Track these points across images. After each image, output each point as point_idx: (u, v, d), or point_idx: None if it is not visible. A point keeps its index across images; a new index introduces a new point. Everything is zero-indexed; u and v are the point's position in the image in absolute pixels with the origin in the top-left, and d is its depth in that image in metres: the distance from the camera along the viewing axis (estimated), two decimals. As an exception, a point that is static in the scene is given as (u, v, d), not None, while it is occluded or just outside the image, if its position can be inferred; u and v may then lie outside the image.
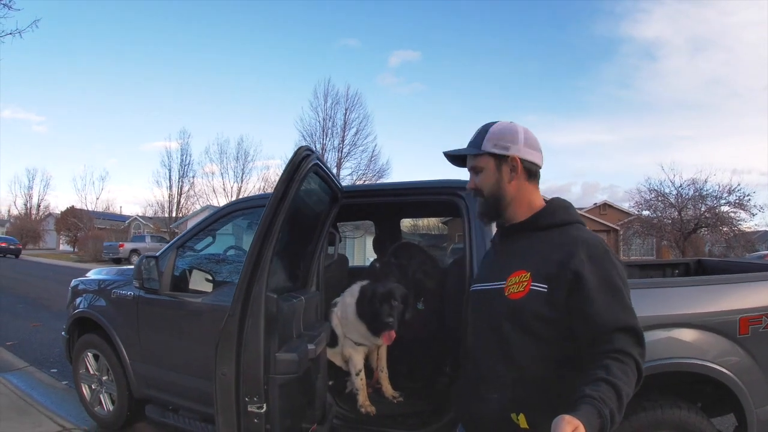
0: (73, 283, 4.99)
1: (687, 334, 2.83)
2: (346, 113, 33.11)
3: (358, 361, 3.81)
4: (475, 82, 71.55)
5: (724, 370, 2.82)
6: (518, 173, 1.80)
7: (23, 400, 4.96)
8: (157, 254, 3.96)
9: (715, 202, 29.30)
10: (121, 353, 4.19)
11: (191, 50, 72.78)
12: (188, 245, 4.23)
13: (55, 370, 6.24)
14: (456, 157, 1.93)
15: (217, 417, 2.53)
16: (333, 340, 3.86)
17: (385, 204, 4.57)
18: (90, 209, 54.08)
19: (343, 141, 32.71)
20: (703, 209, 29.52)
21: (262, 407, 2.49)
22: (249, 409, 2.49)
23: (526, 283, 1.65)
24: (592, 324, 1.54)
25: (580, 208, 42.39)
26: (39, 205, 63.78)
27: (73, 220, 50.22)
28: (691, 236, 29.70)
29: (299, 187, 2.62)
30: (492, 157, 1.81)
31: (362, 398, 3.73)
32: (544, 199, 1.86)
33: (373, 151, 32.95)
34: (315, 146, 31.70)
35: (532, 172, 1.82)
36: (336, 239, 3.99)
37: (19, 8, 9.85)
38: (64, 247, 54.16)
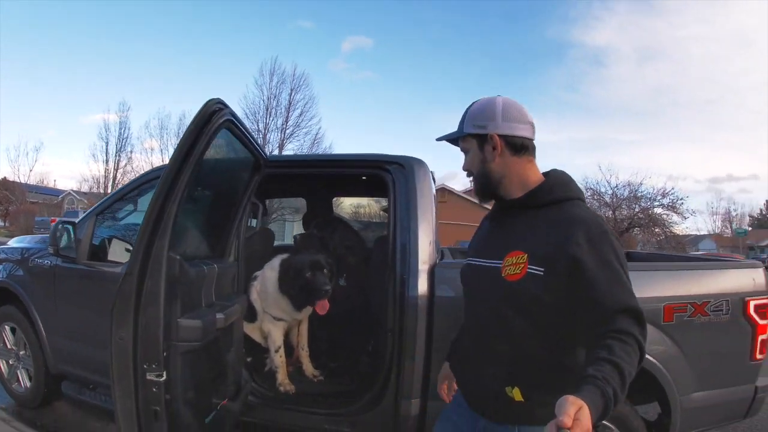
0: None
1: None
2: (291, 93, 32.72)
3: (277, 337, 3.69)
4: (425, 74, 72.11)
5: (649, 358, 2.80)
6: (500, 150, 1.76)
7: None
8: (76, 221, 3.75)
9: (648, 203, 30.45)
10: (38, 326, 3.98)
11: (139, 19, 70.03)
12: (108, 214, 4.04)
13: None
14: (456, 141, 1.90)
15: (114, 385, 2.36)
16: (252, 315, 3.75)
17: (316, 181, 4.48)
18: (23, 182, 51.75)
19: (286, 122, 32.32)
20: (636, 210, 30.56)
21: (161, 375, 2.33)
22: (147, 377, 2.33)
23: (522, 265, 1.64)
24: (594, 307, 1.52)
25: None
26: (-32, 176, 60.71)
27: (4, 193, 47.88)
28: (624, 235, 30.67)
29: (209, 143, 2.46)
30: (474, 137, 1.79)
31: (281, 376, 3.62)
32: (544, 174, 1.83)
33: (317, 133, 32.74)
34: (257, 125, 31.44)
35: (517, 146, 1.77)
36: (259, 211, 3.85)
37: None
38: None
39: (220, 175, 3.14)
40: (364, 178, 3.98)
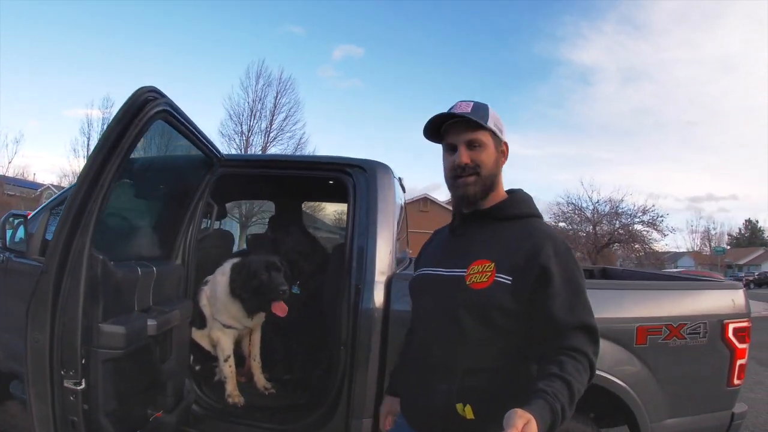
0: None
1: None
2: (277, 97, 32.28)
3: (226, 346, 3.49)
4: (411, 84, 72.24)
5: (618, 381, 2.68)
6: (505, 159, 1.81)
7: None
8: (29, 215, 3.52)
9: (629, 220, 30.65)
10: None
11: (128, 14, 69.36)
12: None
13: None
14: (433, 128, 1.80)
15: (29, 389, 2.17)
16: (201, 322, 3.55)
17: (283, 184, 4.31)
18: (1, 174, 50.94)
19: (271, 125, 31.87)
20: (617, 226, 30.72)
21: (79, 383, 2.16)
22: (65, 384, 2.16)
23: (489, 274, 1.62)
24: (552, 320, 1.54)
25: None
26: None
27: (-26, 187, 47.18)
28: (603, 250, 30.83)
29: (140, 134, 2.27)
30: (493, 137, 1.75)
31: (230, 387, 3.43)
32: (508, 191, 1.85)
33: (301, 138, 32.42)
34: (241, 127, 31.21)
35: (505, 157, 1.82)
36: (213, 211, 3.61)
37: None
38: (-36, 215, 50.79)
39: (163, 172, 2.98)
40: (331, 182, 3.77)
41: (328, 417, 2.97)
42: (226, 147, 29.32)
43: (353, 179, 3.15)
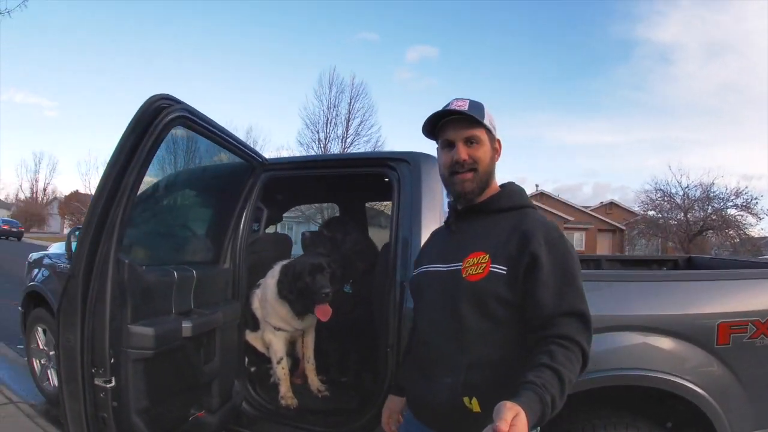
0: (30, 257, 4.88)
1: (651, 341, 2.40)
2: (350, 103, 32.40)
3: (278, 348, 3.53)
4: (490, 79, 71.31)
5: (695, 388, 2.35)
6: (498, 157, 1.84)
7: None
8: None
9: (721, 204, 28.75)
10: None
11: (205, 35, 73.54)
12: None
13: (21, 347, 6.04)
14: (430, 125, 1.85)
15: (62, 386, 2.29)
16: (255, 324, 3.62)
17: (332, 183, 4.33)
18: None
19: (346, 131, 32.03)
20: (709, 211, 28.98)
21: (109, 381, 2.25)
22: (95, 382, 2.25)
23: (485, 265, 1.64)
24: (541, 307, 1.54)
25: (587, 207, 41.91)
26: (45, 189, 64.28)
27: (76, 205, 50.35)
28: (696, 238, 29.11)
29: (157, 141, 2.32)
30: (488, 132, 1.79)
31: (283, 389, 3.46)
32: (501, 185, 1.87)
33: (377, 141, 32.28)
34: (318, 135, 31.56)
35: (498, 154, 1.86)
36: (263, 215, 3.64)
37: None
38: (68, 230, 54.17)
39: (202, 179, 3.06)
40: (386, 179, 3.72)
41: (376, 421, 2.89)
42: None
43: (398, 173, 3.06)
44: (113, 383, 2.26)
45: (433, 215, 2.91)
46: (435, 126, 1.82)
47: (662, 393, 2.40)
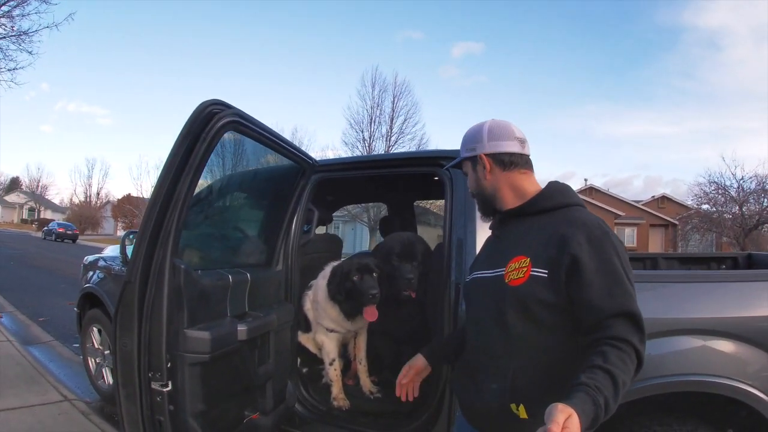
0: (86, 259, 4.99)
1: (714, 345, 2.31)
2: (394, 101, 32.40)
3: (330, 349, 3.51)
4: (537, 73, 70.52)
5: (758, 393, 2.25)
6: (489, 168, 1.84)
7: (36, 371, 5.03)
8: None
9: (779, 196, 27.72)
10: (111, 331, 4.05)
11: (252, 38, 74.94)
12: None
13: (76, 345, 6.23)
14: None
15: (119, 389, 2.33)
16: (307, 325, 3.62)
17: (383, 184, 4.32)
18: (147, 197, 55.55)
19: (390, 129, 32.05)
20: (765, 204, 27.93)
21: (166, 385, 2.28)
22: (152, 386, 2.29)
23: (525, 269, 1.63)
24: (590, 309, 1.51)
25: (638, 201, 41.00)
26: (98, 193, 66.44)
27: (129, 207, 51.79)
28: (752, 233, 28.12)
29: (210, 146, 2.33)
30: (469, 160, 1.90)
31: (335, 390, 3.45)
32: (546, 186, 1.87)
33: (422, 138, 32.26)
34: (363, 134, 31.71)
35: (505, 162, 1.83)
36: (314, 217, 3.62)
37: (56, 2, 10.11)
38: (120, 232, 55.76)
39: (254, 183, 3.06)
40: (435, 178, 3.67)
41: (429, 425, 2.90)
42: (350, 155, 30.29)
43: (450, 172, 3.01)
44: (170, 387, 2.28)
45: None
46: None
47: (724, 398, 2.30)
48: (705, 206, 30.34)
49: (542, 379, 1.59)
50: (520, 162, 1.83)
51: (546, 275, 1.59)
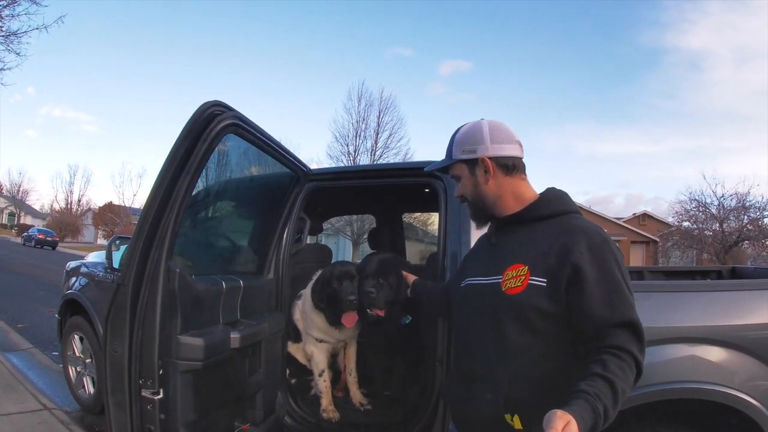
0: (68, 265, 4.88)
1: (707, 353, 2.32)
2: (379, 116, 32.09)
3: (320, 360, 3.46)
4: (521, 92, 71.33)
5: (752, 401, 2.26)
6: (492, 172, 1.77)
7: (15, 378, 4.90)
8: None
9: (758, 214, 27.98)
10: (101, 336, 3.92)
11: (239, 49, 75.30)
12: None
13: (56, 353, 6.11)
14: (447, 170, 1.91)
15: (107, 396, 2.25)
16: (297, 335, 3.56)
17: (376, 194, 4.28)
18: (128, 206, 55.08)
19: (375, 143, 31.86)
20: (745, 221, 28.25)
21: (157, 393, 2.21)
22: (142, 393, 2.21)
23: (524, 278, 1.61)
24: (590, 318, 1.49)
25: (619, 218, 41.34)
26: (79, 201, 65.55)
27: (110, 216, 51.27)
28: (732, 249, 28.37)
29: (210, 148, 2.27)
30: (464, 163, 1.81)
31: (325, 402, 3.39)
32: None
33: (406, 153, 32.15)
34: (348, 148, 31.55)
35: (508, 166, 1.78)
36: (306, 226, 3.58)
37: (46, 4, 10.01)
38: (101, 241, 55.11)
39: (248, 189, 3.01)
40: (426, 190, 3.65)
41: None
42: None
43: (444, 183, 2.99)
44: (161, 395, 2.22)
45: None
46: None
47: (716, 405, 2.30)
48: (686, 223, 30.58)
49: (538, 389, 1.57)
50: (521, 166, 1.80)
51: (545, 284, 1.57)
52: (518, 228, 1.75)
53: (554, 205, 1.74)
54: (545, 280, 1.57)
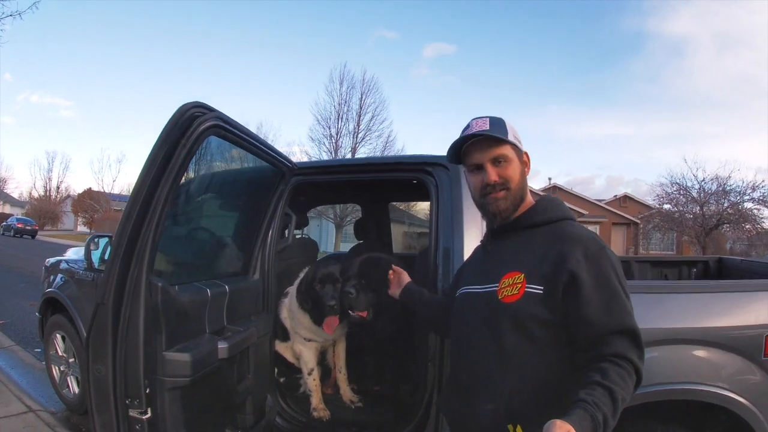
0: (47, 262, 4.76)
1: (696, 353, 2.34)
2: (361, 98, 32.10)
3: (309, 359, 3.40)
4: (504, 75, 71.69)
5: (741, 400, 2.30)
6: (528, 170, 1.80)
7: None
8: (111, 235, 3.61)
9: (738, 198, 28.33)
10: (82, 335, 3.84)
11: (219, 30, 74.68)
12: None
13: (39, 350, 6.00)
14: (454, 151, 1.81)
15: (93, 418, 2.15)
16: (285, 334, 3.49)
17: (367, 186, 4.26)
18: (108, 192, 54.42)
19: (358, 126, 31.81)
20: (725, 205, 28.56)
21: (145, 412, 2.11)
22: (130, 413, 2.11)
23: (520, 285, 1.59)
24: (588, 326, 1.49)
25: (600, 200, 41.62)
26: (58, 188, 64.69)
27: (89, 202, 50.66)
28: (712, 232, 28.70)
29: (191, 152, 2.13)
30: (514, 148, 1.74)
31: (315, 401, 3.35)
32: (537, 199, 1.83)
33: (389, 136, 32.18)
34: (330, 131, 31.46)
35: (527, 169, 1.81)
36: (292, 222, 3.49)
37: None
38: (81, 228, 54.52)
39: (231, 188, 2.92)
40: (414, 181, 3.58)
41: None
42: (316, 151, 30.77)
43: (435, 179, 2.92)
44: (149, 414, 2.12)
45: (475, 223, 2.74)
46: (459, 151, 1.79)
47: (705, 404, 2.33)
48: (667, 206, 30.85)
49: (539, 398, 1.55)
50: None
51: (541, 292, 1.55)
52: (513, 235, 1.74)
53: (550, 212, 1.73)
54: (542, 288, 1.56)
